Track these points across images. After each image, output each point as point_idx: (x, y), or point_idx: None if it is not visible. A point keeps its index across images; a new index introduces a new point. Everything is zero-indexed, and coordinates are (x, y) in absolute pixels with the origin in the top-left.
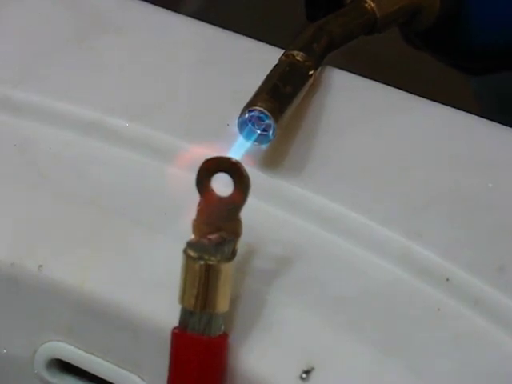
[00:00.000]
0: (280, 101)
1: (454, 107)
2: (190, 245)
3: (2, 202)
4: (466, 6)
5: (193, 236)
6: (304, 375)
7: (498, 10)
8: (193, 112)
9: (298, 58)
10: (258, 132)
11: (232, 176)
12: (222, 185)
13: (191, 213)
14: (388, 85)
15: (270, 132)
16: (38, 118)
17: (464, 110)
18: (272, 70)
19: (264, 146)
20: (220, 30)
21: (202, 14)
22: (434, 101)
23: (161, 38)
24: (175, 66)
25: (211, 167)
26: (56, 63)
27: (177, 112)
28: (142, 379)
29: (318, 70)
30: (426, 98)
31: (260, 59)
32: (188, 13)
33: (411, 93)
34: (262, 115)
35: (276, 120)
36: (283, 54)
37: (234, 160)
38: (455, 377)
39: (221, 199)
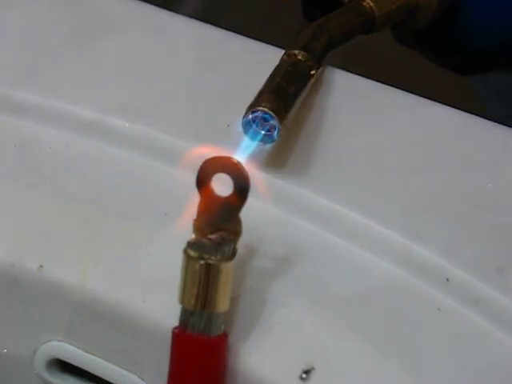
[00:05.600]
0: (284, 101)
1: (454, 107)
2: (190, 245)
3: (1, 202)
4: (462, 6)
5: (193, 236)
6: (304, 375)
7: (495, 10)
8: (192, 112)
9: (299, 57)
10: (263, 132)
11: (232, 176)
12: (222, 185)
13: (191, 213)
14: (388, 85)
15: (275, 132)
16: (38, 117)
17: (464, 110)
18: (274, 70)
19: (268, 146)
20: (220, 29)
21: (202, 14)
22: (434, 101)
23: (161, 38)
24: (175, 66)
25: (211, 167)
26: (56, 63)
27: (176, 112)
28: (142, 379)
29: (319, 69)
30: (426, 98)
31: (260, 59)
32: (188, 13)
33: (411, 93)
34: (266, 115)
35: (280, 120)
36: (285, 54)
37: (233, 160)
38: (455, 377)
39: (221, 199)
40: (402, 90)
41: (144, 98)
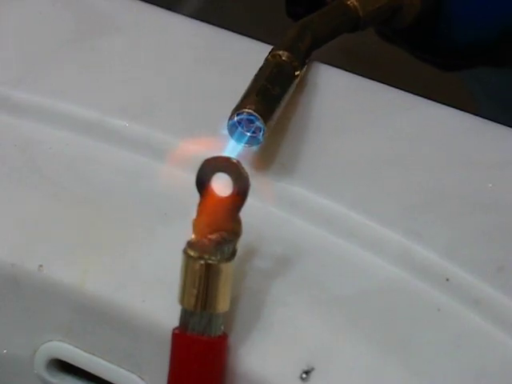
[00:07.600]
0: (269, 102)
1: (454, 107)
2: (190, 245)
3: (1, 202)
4: (446, 4)
5: (193, 236)
6: (304, 375)
7: (478, 7)
8: (193, 112)
9: (284, 58)
10: (248, 134)
11: (231, 176)
12: (222, 185)
13: (191, 213)
14: (387, 84)
15: (260, 134)
16: (38, 118)
17: (464, 110)
18: (259, 71)
19: (254, 148)
20: (220, 30)
21: (202, 14)
22: (434, 101)
23: (161, 37)
24: (175, 65)
25: (211, 167)
26: (56, 63)
27: (177, 112)
28: (142, 379)
29: (304, 69)
30: (425, 98)
31: (260, 59)
32: (188, 13)
33: (411, 93)
34: (251, 117)
35: (265, 122)
36: (269, 54)
37: (233, 160)
38: (455, 377)
39: (221, 199)
40: (402, 89)
41: (144, 97)
